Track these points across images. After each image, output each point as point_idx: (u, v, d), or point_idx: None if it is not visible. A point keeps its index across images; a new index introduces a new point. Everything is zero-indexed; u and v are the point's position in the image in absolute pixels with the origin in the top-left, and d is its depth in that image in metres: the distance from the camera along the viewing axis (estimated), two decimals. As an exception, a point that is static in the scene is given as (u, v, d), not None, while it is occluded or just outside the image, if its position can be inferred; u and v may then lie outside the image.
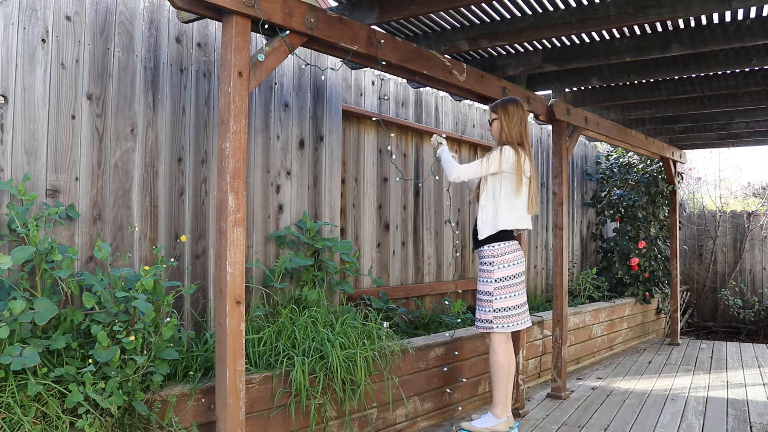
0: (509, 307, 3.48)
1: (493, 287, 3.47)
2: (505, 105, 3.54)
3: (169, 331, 2.68)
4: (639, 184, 7.90)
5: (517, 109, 3.53)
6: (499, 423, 3.59)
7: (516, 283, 3.49)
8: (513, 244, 3.50)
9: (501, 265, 3.45)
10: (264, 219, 3.76)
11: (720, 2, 3.18)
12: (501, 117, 3.54)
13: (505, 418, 3.59)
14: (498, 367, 3.55)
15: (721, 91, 4.96)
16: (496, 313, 3.48)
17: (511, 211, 3.46)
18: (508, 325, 3.50)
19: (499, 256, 3.45)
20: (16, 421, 2.22)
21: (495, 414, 3.59)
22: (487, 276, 3.50)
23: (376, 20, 3.37)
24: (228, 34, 2.61)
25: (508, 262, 3.46)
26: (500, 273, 3.45)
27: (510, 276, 3.47)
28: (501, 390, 3.56)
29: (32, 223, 2.57)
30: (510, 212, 3.46)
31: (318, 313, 3.46)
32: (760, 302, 9.50)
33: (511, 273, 3.46)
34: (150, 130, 3.20)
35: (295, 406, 3.12)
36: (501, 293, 3.46)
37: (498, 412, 3.58)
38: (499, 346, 3.54)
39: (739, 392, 5.08)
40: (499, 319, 3.48)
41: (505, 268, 3.45)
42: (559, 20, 3.54)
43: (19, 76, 2.73)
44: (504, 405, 3.58)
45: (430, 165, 5.49)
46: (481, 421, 3.62)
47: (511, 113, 3.51)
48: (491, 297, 3.48)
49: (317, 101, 4.13)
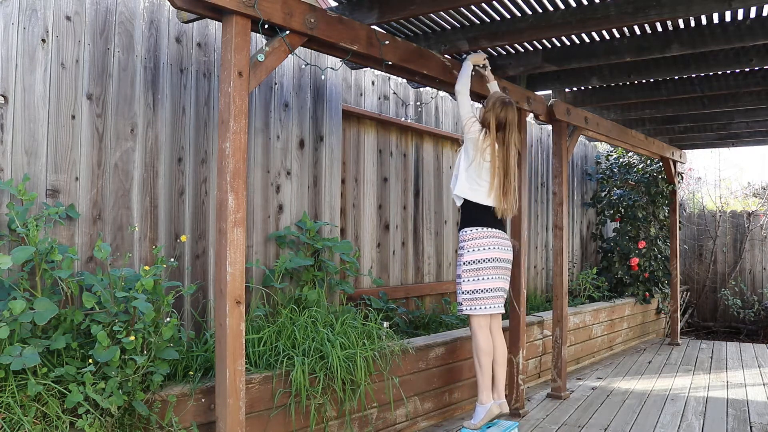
0: (478, 289, 3.55)
1: (461, 269, 3.58)
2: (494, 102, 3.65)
3: (169, 331, 2.68)
4: (639, 184, 7.90)
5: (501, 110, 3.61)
6: (487, 408, 3.58)
7: (487, 267, 3.54)
8: (489, 230, 3.56)
9: (470, 249, 3.55)
10: (264, 219, 3.76)
11: (720, 2, 3.18)
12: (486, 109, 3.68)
13: (492, 402, 3.60)
14: (476, 349, 3.60)
15: (721, 91, 4.96)
16: (465, 296, 3.58)
17: (471, 183, 3.57)
18: (477, 308, 3.56)
19: (469, 240, 3.56)
20: (16, 421, 2.22)
21: (481, 401, 3.61)
22: (459, 260, 3.62)
23: (376, 20, 3.37)
24: (228, 34, 2.61)
25: (479, 246, 3.54)
26: (468, 257, 3.54)
27: (479, 260, 3.53)
28: (483, 373, 3.59)
29: (32, 223, 2.57)
30: (470, 184, 3.57)
31: (318, 313, 3.46)
32: (760, 302, 9.50)
33: (480, 257, 3.53)
34: (150, 130, 3.20)
35: (295, 406, 3.12)
36: (468, 276, 3.54)
37: (483, 398, 3.59)
38: (477, 329, 3.60)
39: (739, 392, 5.08)
40: (468, 302, 3.57)
41: (474, 252, 3.53)
42: (559, 20, 3.54)
43: (19, 76, 2.73)
44: (486, 388, 3.59)
45: (430, 165, 5.49)
46: (474, 417, 3.64)
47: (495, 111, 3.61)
48: (461, 279, 3.59)
49: (317, 101, 4.13)
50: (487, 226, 3.57)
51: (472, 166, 3.57)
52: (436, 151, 5.58)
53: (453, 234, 5.79)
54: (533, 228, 6.93)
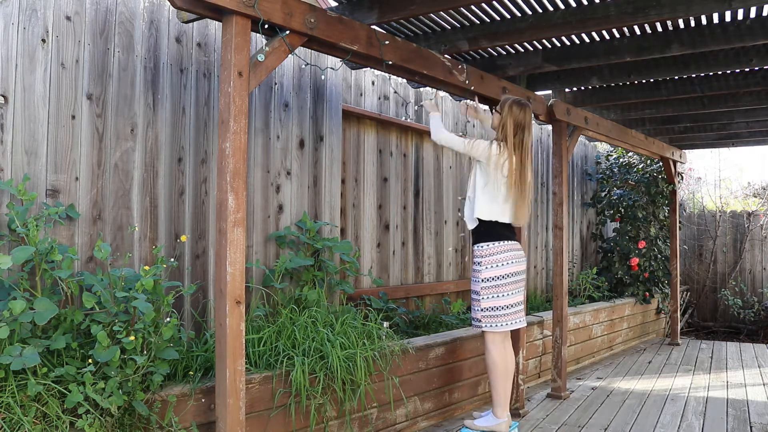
0: (497, 306, 3.44)
1: (480, 287, 3.47)
2: (512, 106, 3.51)
3: (169, 331, 2.68)
4: (639, 184, 7.90)
5: (520, 111, 3.49)
6: (499, 423, 3.59)
7: (506, 283, 3.44)
8: (505, 244, 3.46)
9: (489, 265, 3.43)
10: (264, 219, 3.76)
11: (720, 2, 3.18)
12: (503, 115, 3.53)
13: (505, 419, 3.59)
14: (492, 366, 3.54)
15: (721, 91, 4.96)
16: (484, 312, 3.48)
17: (490, 203, 3.45)
18: (497, 325, 3.47)
19: (487, 257, 3.44)
20: (16, 421, 2.22)
21: (495, 414, 3.60)
22: (476, 275, 3.51)
23: (376, 20, 3.37)
24: (228, 34, 2.61)
25: (497, 262, 3.43)
26: (487, 273, 3.43)
27: (498, 276, 3.42)
28: (498, 390, 3.55)
29: (32, 223, 2.57)
30: (490, 204, 3.45)
31: (318, 313, 3.46)
32: (760, 302, 9.50)
33: (499, 273, 3.42)
34: (150, 130, 3.20)
35: (295, 406, 3.12)
36: (488, 293, 3.44)
37: (498, 412, 3.59)
38: (492, 345, 3.53)
39: (739, 392, 5.08)
40: (487, 318, 3.48)
41: (492, 268, 3.42)
42: (559, 20, 3.54)
43: (19, 76, 2.73)
44: (503, 406, 3.58)
45: (430, 165, 5.49)
46: (482, 420, 3.63)
47: (514, 116, 3.48)
48: (479, 296, 3.49)
49: (317, 101, 4.13)
50: (504, 240, 3.47)
51: (489, 185, 3.44)
52: (436, 151, 5.58)
53: (453, 234, 5.79)
54: (533, 228, 6.93)
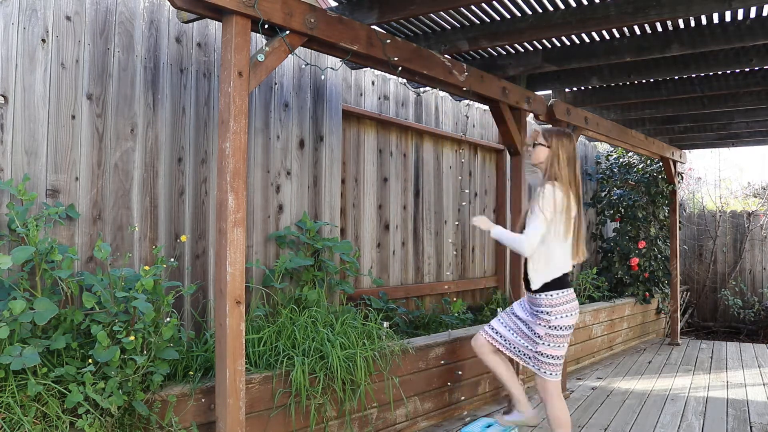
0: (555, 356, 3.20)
1: (544, 332, 3.18)
2: (560, 137, 3.17)
3: (169, 331, 2.68)
4: (639, 184, 7.90)
5: (570, 143, 3.20)
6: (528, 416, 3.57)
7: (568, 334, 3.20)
8: (570, 293, 3.19)
9: (559, 315, 3.15)
10: (264, 219, 3.76)
11: (720, 2, 3.18)
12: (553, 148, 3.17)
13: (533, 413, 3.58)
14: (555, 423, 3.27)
15: (721, 91, 4.96)
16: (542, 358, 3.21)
17: (563, 255, 3.17)
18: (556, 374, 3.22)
19: (558, 306, 3.15)
20: (16, 421, 2.22)
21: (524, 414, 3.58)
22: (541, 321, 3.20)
23: (376, 20, 3.37)
24: (228, 34, 2.61)
25: (566, 312, 3.16)
26: (557, 322, 3.15)
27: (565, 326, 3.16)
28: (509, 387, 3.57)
29: (32, 223, 2.57)
30: (563, 257, 3.17)
31: (318, 313, 3.46)
32: (760, 302, 9.49)
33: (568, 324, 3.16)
34: (150, 130, 3.20)
35: (295, 406, 3.12)
36: (550, 341, 3.17)
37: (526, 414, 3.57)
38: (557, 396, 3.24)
39: (739, 392, 5.08)
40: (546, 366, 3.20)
41: (562, 318, 3.15)
42: (559, 20, 3.54)
43: (19, 76, 2.73)
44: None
45: (430, 165, 5.49)
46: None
47: (566, 148, 3.16)
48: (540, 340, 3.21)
49: (317, 101, 4.13)
50: (568, 287, 3.19)
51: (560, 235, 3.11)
52: (436, 151, 5.58)
53: (453, 234, 5.79)
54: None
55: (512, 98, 4.32)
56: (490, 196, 6.30)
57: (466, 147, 5.93)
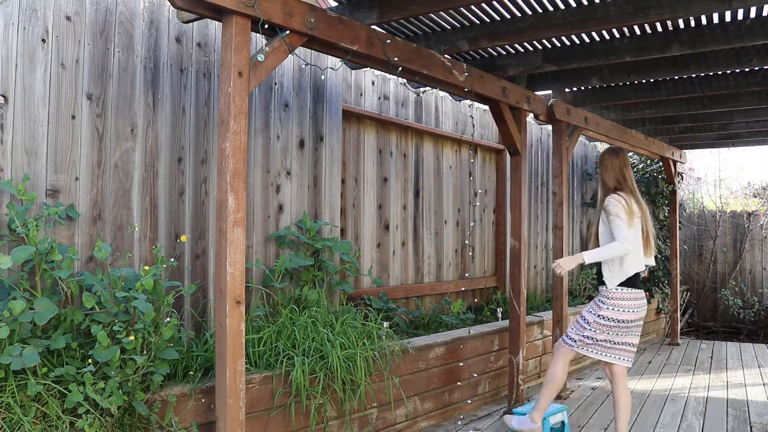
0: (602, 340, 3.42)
1: (593, 318, 3.43)
2: (603, 157, 3.62)
3: (169, 331, 2.68)
4: (639, 184, 7.90)
5: (610, 158, 3.57)
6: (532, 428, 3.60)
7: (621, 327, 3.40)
8: (636, 292, 3.42)
9: (614, 308, 3.39)
10: (264, 219, 3.76)
11: (720, 2, 3.18)
12: (600, 168, 3.62)
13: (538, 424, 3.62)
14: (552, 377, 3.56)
15: (721, 91, 4.96)
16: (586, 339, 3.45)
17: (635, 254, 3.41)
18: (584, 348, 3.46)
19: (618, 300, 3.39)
20: (16, 421, 2.22)
21: (532, 418, 3.61)
22: (594, 309, 3.46)
23: (376, 20, 3.37)
24: (228, 34, 2.61)
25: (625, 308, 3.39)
26: (608, 313, 3.39)
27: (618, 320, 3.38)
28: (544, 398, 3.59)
29: (32, 223, 2.57)
30: (635, 255, 3.41)
31: (318, 313, 3.46)
32: (760, 302, 9.49)
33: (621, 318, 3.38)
34: (150, 130, 3.20)
35: (295, 406, 3.12)
36: (599, 328, 3.41)
37: (535, 416, 3.61)
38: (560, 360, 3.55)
39: (739, 392, 5.08)
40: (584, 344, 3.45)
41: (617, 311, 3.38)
42: (559, 20, 3.54)
43: (19, 76, 2.73)
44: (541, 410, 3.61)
45: (430, 165, 5.49)
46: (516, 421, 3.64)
47: (605, 164, 3.58)
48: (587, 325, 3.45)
49: (317, 101, 4.13)
50: (637, 288, 3.43)
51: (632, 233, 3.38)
52: (436, 151, 5.58)
53: (453, 234, 5.79)
54: (533, 228, 6.93)
55: (512, 98, 4.32)
56: (490, 196, 6.31)
57: (466, 147, 5.93)
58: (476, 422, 4.15)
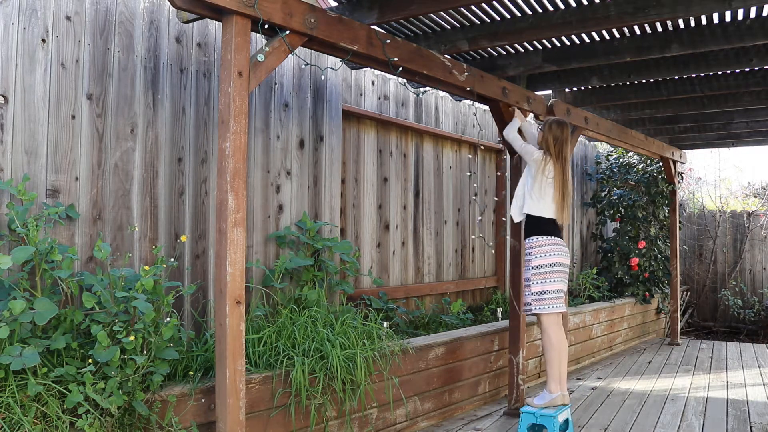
0: (545, 291, 3.84)
1: (530, 273, 3.87)
2: (551, 124, 3.97)
3: (169, 331, 2.68)
4: (639, 184, 7.90)
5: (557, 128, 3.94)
6: (553, 398, 3.77)
7: (552, 270, 3.82)
8: (552, 239, 3.88)
9: (538, 255, 3.84)
10: (264, 219, 3.76)
11: (720, 2, 3.18)
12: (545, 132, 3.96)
13: (559, 393, 3.80)
14: (548, 345, 3.86)
15: (721, 91, 4.96)
16: (534, 296, 3.84)
17: (537, 201, 3.90)
18: (546, 307, 3.82)
19: (536, 248, 3.86)
20: (16, 421, 2.22)
21: (549, 390, 3.80)
22: (527, 264, 3.92)
23: (376, 20, 3.37)
24: (228, 34, 2.61)
25: (545, 252, 3.84)
26: (536, 261, 3.84)
27: (546, 264, 3.83)
28: (553, 367, 3.84)
29: (32, 223, 2.57)
30: (537, 202, 3.90)
31: (318, 313, 3.46)
32: (760, 302, 9.50)
33: (546, 262, 3.82)
34: (150, 130, 3.20)
35: (295, 406, 3.12)
36: (537, 279, 3.83)
37: (552, 387, 3.80)
38: (548, 326, 3.84)
39: (739, 392, 5.08)
40: (537, 302, 3.83)
41: (541, 257, 3.83)
42: (559, 20, 3.54)
43: (19, 76, 2.73)
44: (557, 381, 3.81)
45: (430, 165, 5.50)
46: (539, 398, 3.81)
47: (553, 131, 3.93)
48: (530, 282, 3.87)
49: (317, 101, 4.13)
50: (551, 235, 3.89)
51: (536, 185, 3.91)
52: (436, 151, 5.58)
53: (453, 234, 5.79)
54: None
55: (512, 98, 4.32)
56: (489, 195, 6.31)
57: (466, 147, 5.93)
58: (476, 422, 4.15)
